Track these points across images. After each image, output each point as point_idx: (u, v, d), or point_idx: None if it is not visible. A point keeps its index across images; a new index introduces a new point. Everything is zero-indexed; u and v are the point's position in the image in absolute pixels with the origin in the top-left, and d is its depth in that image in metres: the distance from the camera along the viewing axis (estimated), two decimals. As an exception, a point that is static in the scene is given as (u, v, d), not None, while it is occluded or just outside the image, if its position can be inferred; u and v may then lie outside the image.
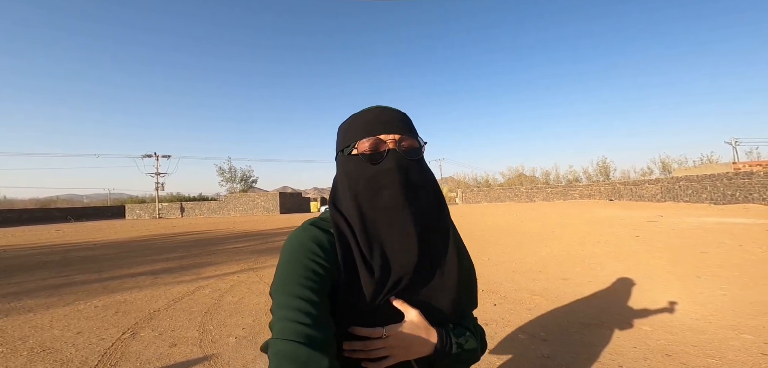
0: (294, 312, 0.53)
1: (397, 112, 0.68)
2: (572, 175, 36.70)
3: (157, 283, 4.40)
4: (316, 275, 0.57)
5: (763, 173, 14.76)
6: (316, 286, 0.56)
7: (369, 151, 0.64)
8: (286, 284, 0.56)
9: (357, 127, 0.66)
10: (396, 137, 0.64)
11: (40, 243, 10.77)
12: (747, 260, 4.25)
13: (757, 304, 2.68)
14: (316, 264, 0.58)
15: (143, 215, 35.72)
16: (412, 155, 0.66)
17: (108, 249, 8.52)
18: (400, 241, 0.62)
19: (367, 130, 0.65)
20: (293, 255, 0.59)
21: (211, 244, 8.65)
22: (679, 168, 28.56)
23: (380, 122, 0.65)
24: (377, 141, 0.64)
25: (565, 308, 2.84)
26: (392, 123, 0.65)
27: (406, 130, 0.66)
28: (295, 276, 0.56)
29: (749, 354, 1.86)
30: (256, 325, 2.80)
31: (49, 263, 6.53)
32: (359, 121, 0.67)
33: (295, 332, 0.51)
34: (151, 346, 2.44)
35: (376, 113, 0.67)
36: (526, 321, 2.59)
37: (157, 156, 37.60)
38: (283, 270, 0.58)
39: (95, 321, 3.03)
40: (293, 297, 0.54)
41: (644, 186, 23.26)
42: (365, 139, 0.64)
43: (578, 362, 1.90)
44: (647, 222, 9.08)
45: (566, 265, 4.47)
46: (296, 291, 0.55)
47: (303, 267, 0.57)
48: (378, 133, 0.64)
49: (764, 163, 18.97)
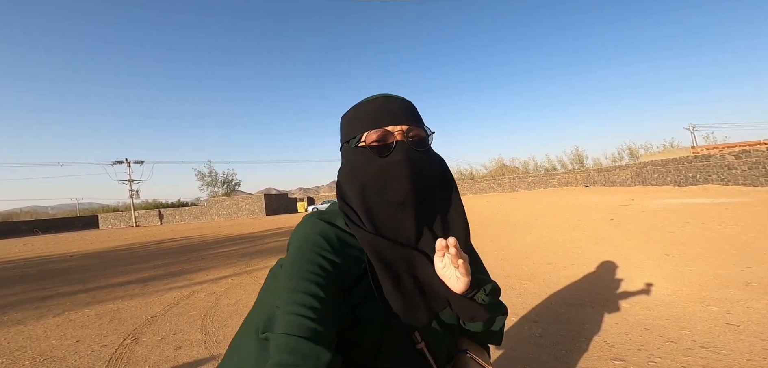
0: (298, 307, 0.53)
1: (403, 101, 0.67)
2: (550, 164, 38.20)
3: (148, 291, 4.31)
4: (322, 269, 0.57)
5: (719, 155, 15.98)
6: (321, 281, 0.56)
7: (377, 143, 0.62)
8: (292, 278, 0.56)
9: (363, 117, 0.65)
10: (403, 128, 0.63)
11: (11, 258, 10.13)
12: (709, 237, 4.67)
13: (719, 278, 3.00)
14: (323, 258, 0.58)
15: (119, 224, 34.04)
16: (420, 146, 0.65)
17: (87, 260, 8.15)
18: (411, 235, 0.62)
19: (374, 121, 0.63)
20: (300, 250, 0.59)
21: (198, 250, 8.45)
22: (646, 153, 30.30)
23: (387, 112, 0.64)
24: (385, 132, 0.62)
25: (552, 291, 3.06)
26: (399, 113, 0.64)
27: (412, 120, 0.65)
28: (300, 271, 0.56)
29: (715, 324, 2.10)
30: (260, 326, 2.84)
31: (26, 276, 6.21)
32: (365, 110, 0.65)
33: (297, 326, 0.52)
34: (157, 350, 2.45)
35: (381, 102, 0.65)
36: (518, 304, 2.78)
37: (130, 162, 35.83)
38: (290, 263, 0.58)
39: (92, 329, 2.98)
40: (298, 291, 0.55)
41: (616, 172, 24.58)
42: (373, 130, 0.63)
43: (568, 339, 2.08)
44: (620, 206, 9.67)
45: (550, 250, 4.74)
46: (301, 286, 0.55)
47: (309, 261, 0.57)
48: (385, 124, 0.63)
49: (720, 146, 20.51)
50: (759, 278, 2.88)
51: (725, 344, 1.85)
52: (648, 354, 1.83)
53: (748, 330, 1.98)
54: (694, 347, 1.85)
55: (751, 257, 3.54)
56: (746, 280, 2.85)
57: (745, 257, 3.56)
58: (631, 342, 1.98)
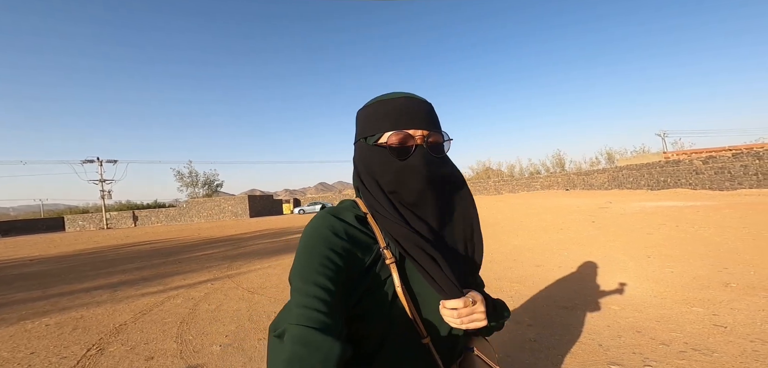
0: (310, 299, 0.55)
1: (424, 103, 0.67)
2: (533, 168, 39.33)
3: (117, 297, 4.00)
4: (332, 263, 0.58)
5: (688, 161, 16.93)
6: (331, 274, 0.57)
7: (397, 145, 0.63)
8: (303, 271, 0.57)
9: (383, 116, 0.65)
10: (424, 132, 0.64)
11: (-41, 263, 9.24)
12: (684, 239, 4.86)
13: (699, 278, 3.08)
14: (334, 251, 0.59)
15: (88, 226, 32.13)
16: (438, 152, 0.66)
17: (49, 264, 7.55)
18: (427, 236, 0.64)
19: (394, 122, 0.64)
20: (310, 243, 0.60)
21: (175, 253, 8.02)
22: (622, 158, 31.78)
23: (408, 114, 0.64)
24: (406, 135, 0.63)
25: (542, 293, 3.05)
26: (420, 116, 0.65)
27: (432, 125, 0.66)
28: (311, 264, 0.57)
29: (703, 326, 2.13)
30: (241, 331, 2.66)
31: (-24, 284, 5.64)
32: (385, 109, 0.65)
33: (309, 318, 0.53)
34: (125, 361, 2.23)
35: (402, 103, 0.65)
36: (510, 307, 2.75)
37: (101, 161, 33.89)
38: (301, 257, 0.59)
39: (50, 340, 2.70)
40: (310, 284, 0.56)
41: (594, 176, 25.58)
42: (393, 132, 0.63)
43: (562, 343, 2.05)
44: (599, 209, 10.01)
45: (537, 253, 4.79)
46: (312, 278, 0.56)
47: (320, 255, 0.58)
48: (406, 127, 0.63)
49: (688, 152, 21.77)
50: (737, 279, 2.99)
51: (716, 346, 1.87)
52: (643, 357, 1.82)
53: (736, 331, 2.02)
54: (687, 350, 1.86)
55: (726, 258, 3.69)
56: (725, 281, 2.95)
57: (721, 258, 3.70)
58: (625, 345, 1.97)
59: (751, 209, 7.57)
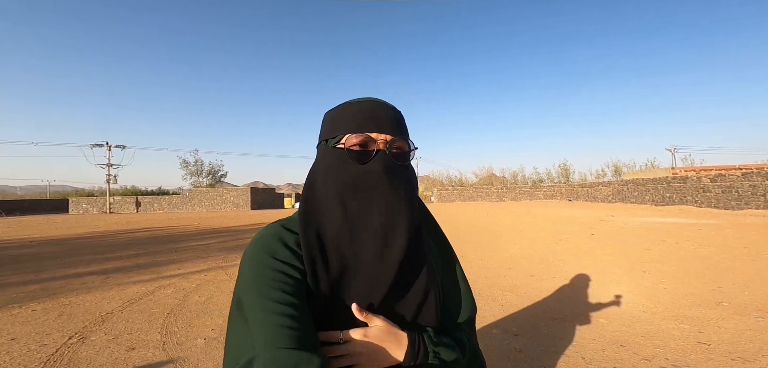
0: (273, 317, 0.49)
1: (392, 110, 0.64)
2: (537, 177, 39.04)
3: (109, 283, 4.02)
4: (291, 278, 0.54)
5: (696, 178, 16.70)
6: (287, 287, 0.53)
7: (357, 148, 0.60)
8: (258, 291, 0.52)
9: (347, 118, 0.62)
10: (387, 138, 0.61)
11: (-39, 240, 9.38)
12: (683, 256, 4.79)
13: (691, 296, 3.03)
14: (290, 265, 0.55)
15: (91, 209, 32.44)
16: (402, 159, 0.63)
17: (48, 246, 7.63)
18: (376, 247, 0.58)
19: (357, 125, 0.60)
20: (262, 259, 0.55)
21: (172, 241, 8.07)
22: (629, 171, 31.44)
23: (372, 118, 0.61)
24: (367, 138, 0.60)
25: (533, 303, 3.02)
26: (385, 121, 0.62)
27: (398, 131, 0.63)
28: (269, 281, 0.52)
29: (687, 342, 2.10)
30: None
31: (-27, 263, 5.71)
32: (350, 112, 0.62)
33: (279, 338, 0.48)
34: (105, 351, 2.22)
35: (369, 107, 0.62)
36: (499, 316, 2.71)
37: (110, 146, 34.22)
38: (249, 279, 0.54)
39: (34, 326, 2.70)
40: (268, 300, 0.51)
41: (598, 188, 25.35)
42: (355, 134, 0.60)
43: (547, 355, 2.02)
44: (600, 222, 9.90)
45: (533, 262, 4.74)
46: (270, 295, 0.51)
47: (275, 270, 0.54)
48: (369, 130, 0.60)
49: (697, 168, 21.49)
50: (730, 298, 2.93)
51: (695, 363, 1.84)
52: (625, 374, 1.78)
53: (718, 349, 1.98)
54: (666, 365, 1.82)
55: (722, 277, 3.63)
56: (717, 300, 2.89)
57: (717, 277, 3.64)
58: (608, 358, 1.93)
59: (754, 230, 7.45)
